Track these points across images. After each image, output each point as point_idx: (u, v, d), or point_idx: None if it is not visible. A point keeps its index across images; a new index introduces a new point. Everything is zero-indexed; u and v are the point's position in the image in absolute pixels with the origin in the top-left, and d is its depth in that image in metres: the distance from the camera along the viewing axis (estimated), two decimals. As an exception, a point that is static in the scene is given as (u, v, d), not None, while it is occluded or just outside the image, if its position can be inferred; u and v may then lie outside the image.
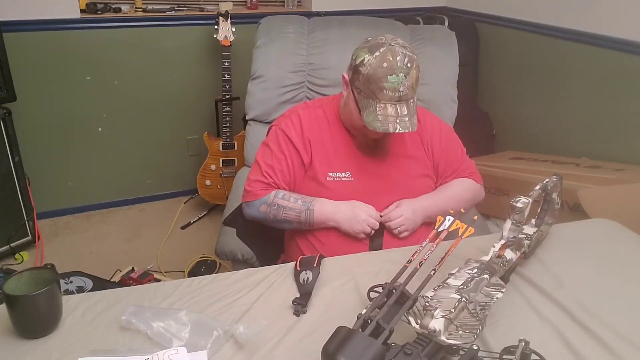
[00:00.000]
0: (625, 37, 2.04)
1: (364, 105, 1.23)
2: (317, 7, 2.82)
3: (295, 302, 1.00)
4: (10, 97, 2.15)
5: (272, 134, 1.42)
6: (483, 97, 2.91)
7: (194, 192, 2.86)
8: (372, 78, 1.20)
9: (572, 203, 1.91)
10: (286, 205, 1.34)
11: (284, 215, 1.34)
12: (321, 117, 1.40)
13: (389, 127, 1.20)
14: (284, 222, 1.35)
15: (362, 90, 1.23)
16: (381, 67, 1.19)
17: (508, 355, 0.82)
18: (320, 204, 1.33)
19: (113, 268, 2.17)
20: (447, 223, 1.01)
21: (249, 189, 1.38)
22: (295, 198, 1.34)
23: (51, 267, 1.83)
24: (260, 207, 1.36)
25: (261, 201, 1.35)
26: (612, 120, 2.16)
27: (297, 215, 1.33)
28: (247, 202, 1.39)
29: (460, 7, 2.95)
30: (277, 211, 1.34)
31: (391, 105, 1.21)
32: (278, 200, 1.34)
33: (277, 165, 1.37)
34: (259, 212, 1.36)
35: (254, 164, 1.41)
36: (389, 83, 1.19)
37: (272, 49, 1.90)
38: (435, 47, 1.97)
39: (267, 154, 1.39)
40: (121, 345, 0.89)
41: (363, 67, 1.22)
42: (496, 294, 0.91)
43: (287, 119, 1.41)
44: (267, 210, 1.35)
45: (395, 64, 1.18)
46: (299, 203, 1.33)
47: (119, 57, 2.56)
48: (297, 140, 1.37)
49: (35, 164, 2.49)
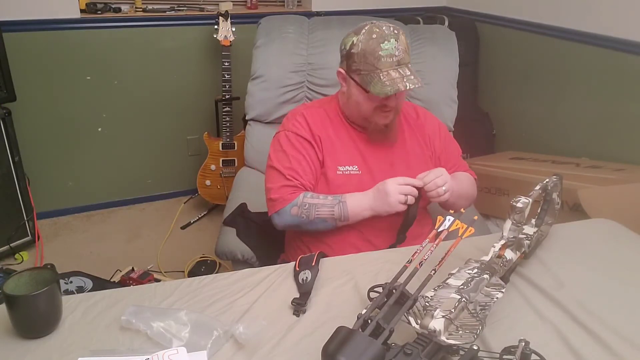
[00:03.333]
0: (625, 37, 2.04)
1: (368, 81, 1.25)
2: (317, 7, 2.82)
3: (295, 302, 1.00)
4: (10, 97, 2.14)
5: (281, 139, 1.38)
6: (483, 97, 2.91)
7: (194, 192, 2.86)
8: (367, 51, 1.24)
9: (572, 203, 1.91)
10: (317, 202, 1.30)
11: (317, 213, 1.29)
12: (323, 115, 1.41)
13: (399, 86, 1.22)
14: (319, 222, 1.31)
15: (361, 69, 1.26)
16: (371, 39, 1.24)
17: (508, 355, 0.82)
18: (350, 195, 1.31)
19: (113, 268, 2.17)
20: (447, 223, 1.01)
21: (276, 196, 1.33)
22: (324, 195, 1.32)
23: (51, 267, 1.83)
24: (291, 210, 1.31)
25: (291, 205, 1.31)
26: (612, 120, 2.16)
27: (331, 211, 1.29)
28: (278, 211, 1.32)
29: (460, 7, 2.95)
30: (309, 211, 1.30)
31: (393, 70, 1.24)
32: (308, 200, 1.30)
33: (298, 166, 1.34)
34: (291, 217, 1.31)
35: (271, 173, 1.37)
36: (383, 50, 1.23)
37: (272, 49, 1.90)
38: (435, 47, 1.97)
39: (283, 159, 1.35)
40: (121, 345, 0.89)
41: (354, 47, 1.26)
42: (496, 294, 0.91)
43: (292, 121, 1.40)
44: (299, 212, 1.30)
45: (382, 32, 1.24)
46: (329, 199, 1.30)
47: (119, 57, 2.56)
48: (309, 137, 1.36)
49: (35, 164, 2.49)
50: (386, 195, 1.26)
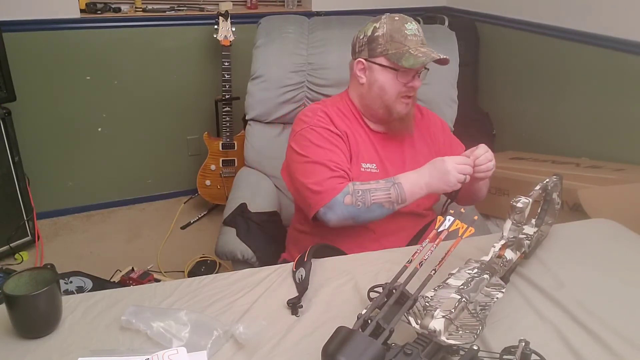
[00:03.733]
0: (625, 37, 2.04)
1: (398, 57, 1.28)
2: (317, 7, 2.82)
3: (290, 303, 0.99)
4: (10, 97, 2.15)
5: (310, 135, 1.31)
6: (483, 97, 2.91)
7: (194, 192, 2.86)
8: (393, 31, 1.29)
9: (572, 203, 1.91)
10: (370, 187, 1.23)
11: (373, 198, 1.22)
12: (340, 113, 1.39)
13: (432, 55, 1.26)
14: (375, 208, 1.23)
15: (388, 49, 1.29)
16: (395, 21, 1.30)
17: (508, 355, 0.82)
18: (403, 175, 1.26)
19: (113, 268, 2.17)
20: (447, 223, 1.01)
21: (323, 187, 1.23)
22: (375, 180, 1.26)
23: (51, 267, 1.83)
24: (344, 199, 1.22)
25: (342, 194, 1.22)
26: (612, 120, 2.16)
27: (387, 194, 1.23)
28: (329, 204, 1.22)
29: (460, 7, 2.96)
30: (364, 197, 1.22)
31: (420, 47, 1.29)
32: (360, 187, 1.23)
33: (336, 157, 1.28)
34: (345, 207, 1.22)
35: (310, 168, 1.28)
36: (408, 30, 1.29)
37: (272, 48, 1.90)
38: (435, 47, 1.95)
39: (320, 152, 1.28)
40: (121, 345, 0.89)
41: (378, 31, 1.30)
42: (496, 294, 0.91)
43: (315, 118, 1.34)
44: (354, 200, 1.22)
45: (403, 17, 1.32)
46: (381, 182, 1.24)
47: (119, 57, 2.56)
48: (337, 131, 1.33)
49: (35, 164, 2.49)
50: (445, 174, 1.23)
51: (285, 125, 1.97)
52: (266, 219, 1.65)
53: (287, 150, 1.38)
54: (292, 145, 1.35)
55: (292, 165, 1.34)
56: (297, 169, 1.31)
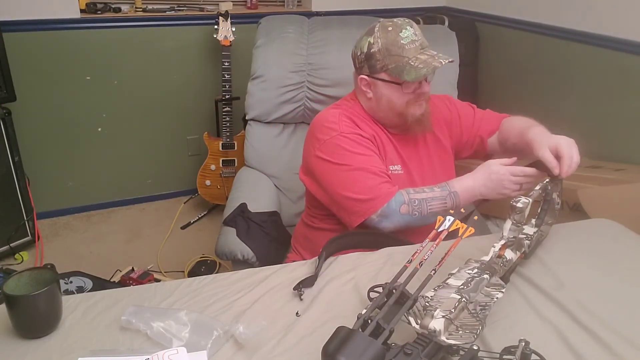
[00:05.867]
0: (625, 37, 2.04)
1: (399, 72, 1.24)
2: (317, 7, 2.82)
3: (298, 287, 1.02)
4: (10, 97, 2.15)
5: (343, 143, 1.28)
6: (483, 97, 2.91)
7: (194, 192, 2.86)
8: (389, 44, 1.24)
9: (572, 203, 1.91)
10: (427, 196, 1.23)
11: (430, 208, 1.22)
12: (358, 117, 1.36)
13: (434, 64, 1.23)
14: (431, 217, 1.21)
15: (387, 65, 1.25)
16: (388, 33, 1.25)
17: (508, 355, 0.82)
18: (458, 183, 1.26)
19: (113, 268, 2.17)
20: (447, 223, 1.01)
21: (373, 194, 1.22)
22: (429, 187, 1.25)
23: (51, 267, 1.83)
24: (400, 209, 1.22)
25: (397, 202, 1.22)
26: (612, 120, 2.16)
27: (443, 203, 1.23)
28: (383, 210, 1.22)
29: (460, 7, 2.95)
30: (421, 206, 1.22)
31: (420, 54, 1.24)
32: (415, 196, 1.23)
33: (376, 162, 1.27)
34: (401, 217, 1.22)
35: (354, 175, 1.25)
36: (404, 38, 1.24)
37: (272, 48, 1.90)
38: (435, 48, 1.96)
39: (358, 159, 1.25)
40: (121, 345, 0.89)
41: (373, 47, 1.25)
42: (496, 294, 0.91)
43: (341, 124, 1.30)
44: (409, 210, 1.22)
45: (395, 24, 1.25)
46: (436, 190, 1.24)
47: (119, 57, 2.56)
48: (367, 135, 1.31)
49: (35, 164, 2.49)
50: (501, 188, 1.22)
51: (286, 125, 1.98)
52: (266, 219, 1.65)
53: (314, 160, 1.33)
54: (322, 155, 1.30)
55: (326, 176, 1.30)
56: (335, 179, 1.28)
